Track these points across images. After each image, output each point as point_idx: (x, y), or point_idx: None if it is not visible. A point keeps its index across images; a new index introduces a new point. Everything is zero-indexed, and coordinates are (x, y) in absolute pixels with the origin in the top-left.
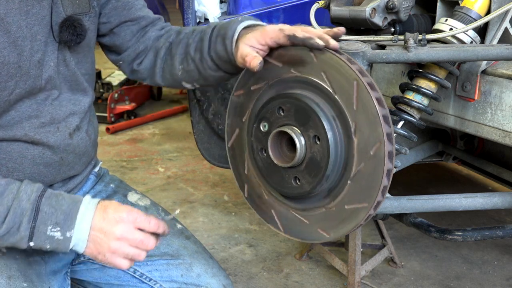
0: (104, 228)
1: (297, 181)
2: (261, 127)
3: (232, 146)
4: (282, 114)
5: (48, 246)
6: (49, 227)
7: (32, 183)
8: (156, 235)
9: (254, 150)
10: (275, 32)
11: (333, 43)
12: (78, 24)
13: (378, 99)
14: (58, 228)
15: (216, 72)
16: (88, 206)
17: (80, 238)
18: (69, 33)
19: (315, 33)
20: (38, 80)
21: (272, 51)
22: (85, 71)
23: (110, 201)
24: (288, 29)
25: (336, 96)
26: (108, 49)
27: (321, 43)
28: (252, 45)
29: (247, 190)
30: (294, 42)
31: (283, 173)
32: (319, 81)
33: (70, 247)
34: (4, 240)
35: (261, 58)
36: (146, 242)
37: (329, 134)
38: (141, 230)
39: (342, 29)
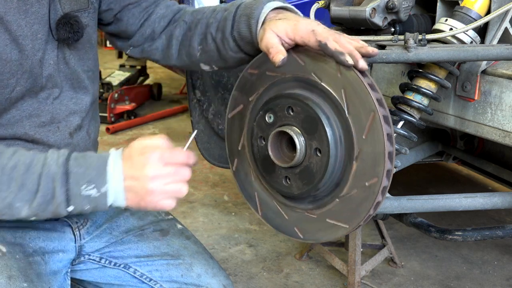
0: (135, 174)
1: (288, 181)
2: (266, 118)
3: (232, 118)
4: (291, 114)
5: (88, 207)
6: (83, 187)
7: (57, 150)
8: (188, 166)
9: (253, 135)
10: (307, 33)
11: (361, 64)
12: (74, 21)
13: (388, 135)
14: (93, 185)
15: (237, 53)
16: (115, 159)
17: (116, 191)
18: (65, 31)
19: (347, 48)
20: (39, 78)
21: (297, 45)
22: (88, 68)
23: (131, 146)
24: (321, 33)
25: (349, 117)
26: (116, 37)
27: (350, 61)
28: (280, 36)
29: (236, 165)
30: (323, 51)
31: (276, 168)
32: (336, 97)
33: (110, 203)
34: (42, 210)
35: (285, 55)
36: (181, 174)
37: (332, 152)
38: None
39: (376, 50)
